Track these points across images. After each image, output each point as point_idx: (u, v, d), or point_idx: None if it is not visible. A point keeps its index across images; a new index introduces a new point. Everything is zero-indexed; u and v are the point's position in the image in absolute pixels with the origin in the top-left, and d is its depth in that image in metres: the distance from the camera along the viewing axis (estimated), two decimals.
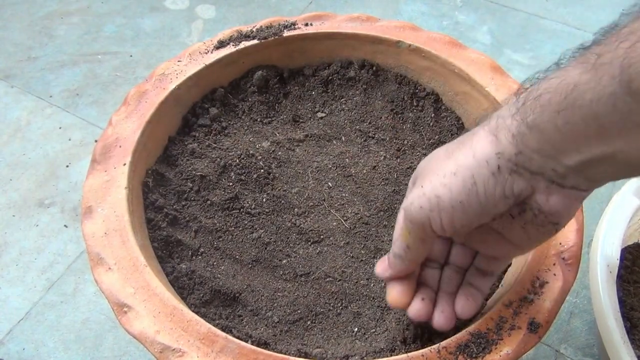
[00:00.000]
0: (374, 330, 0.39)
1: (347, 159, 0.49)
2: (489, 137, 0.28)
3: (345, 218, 0.45)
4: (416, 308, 0.34)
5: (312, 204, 0.46)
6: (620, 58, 0.22)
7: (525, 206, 0.28)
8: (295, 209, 0.46)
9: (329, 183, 0.47)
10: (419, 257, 0.33)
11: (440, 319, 0.34)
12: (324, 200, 0.46)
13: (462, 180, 0.28)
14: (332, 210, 0.46)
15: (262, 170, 0.47)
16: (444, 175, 0.28)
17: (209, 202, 0.45)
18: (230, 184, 0.46)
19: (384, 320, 0.40)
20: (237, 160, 0.47)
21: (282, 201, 0.46)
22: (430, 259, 0.35)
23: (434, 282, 0.35)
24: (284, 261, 0.43)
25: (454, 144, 0.30)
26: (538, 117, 0.25)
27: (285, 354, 0.35)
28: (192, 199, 0.45)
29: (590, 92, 0.23)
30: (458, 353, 0.33)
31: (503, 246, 0.32)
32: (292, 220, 0.45)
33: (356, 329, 0.39)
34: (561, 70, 0.25)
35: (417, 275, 0.35)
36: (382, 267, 0.35)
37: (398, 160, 0.49)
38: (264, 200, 0.46)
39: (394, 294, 0.34)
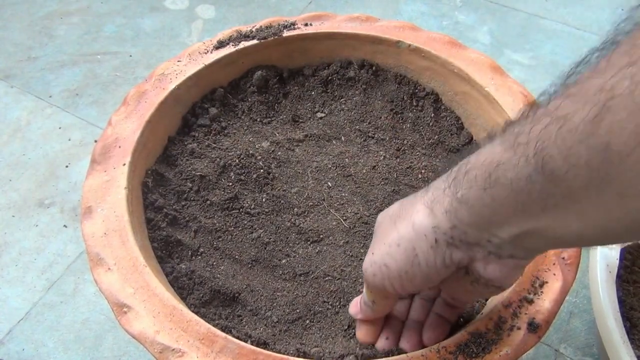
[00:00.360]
0: None
1: (346, 159, 0.49)
2: (425, 210, 0.29)
3: (344, 218, 0.45)
4: (381, 345, 0.36)
5: (311, 203, 0.46)
6: (534, 140, 0.23)
7: (467, 270, 0.30)
8: (295, 209, 0.46)
9: (329, 183, 0.47)
10: (385, 310, 0.35)
11: (406, 347, 0.36)
12: (324, 200, 0.46)
13: (405, 252, 0.29)
14: (331, 210, 0.46)
15: (261, 170, 0.47)
16: (389, 245, 0.30)
17: (208, 202, 0.45)
18: (230, 184, 0.46)
19: None
20: (237, 160, 0.47)
21: (282, 201, 0.46)
22: None
23: (403, 311, 0.38)
24: (284, 261, 0.43)
25: (401, 208, 0.31)
26: (467, 193, 0.26)
27: (284, 353, 0.35)
28: (192, 199, 0.45)
29: (511, 171, 0.24)
30: (458, 353, 0.33)
31: (461, 295, 0.34)
32: (292, 220, 0.45)
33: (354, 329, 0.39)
34: (489, 146, 0.26)
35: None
36: (355, 309, 0.37)
37: (398, 160, 0.49)
38: (264, 200, 0.46)
39: (362, 333, 0.37)
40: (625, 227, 0.23)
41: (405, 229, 0.30)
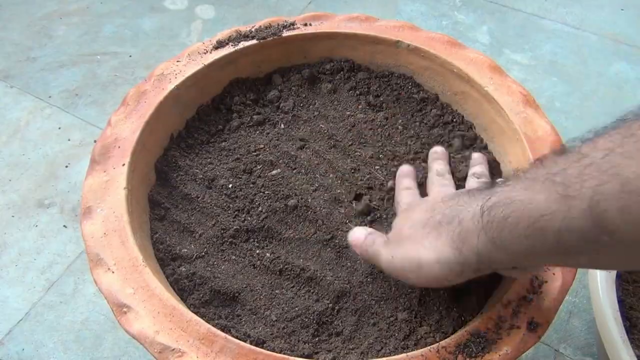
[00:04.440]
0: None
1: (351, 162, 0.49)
2: (452, 249, 0.31)
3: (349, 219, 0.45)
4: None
5: (321, 199, 0.46)
6: (589, 195, 0.24)
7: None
8: (300, 206, 0.45)
9: (334, 180, 0.47)
10: None
11: None
12: (332, 199, 0.46)
13: (428, 273, 0.33)
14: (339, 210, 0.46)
15: (264, 170, 0.47)
16: (410, 261, 0.34)
17: (213, 204, 0.45)
18: (229, 185, 0.46)
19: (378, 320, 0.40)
20: (242, 159, 0.47)
21: (286, 195, 0.46)
22: None
23: None
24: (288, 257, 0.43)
25: (425, 224, 0.34)
26: (506, 239, 0.28)
27: (284, 352, 0.35)
28: (196, 203, 0.45)
29: (559, 222, 0.25)
30: (457, 352, 0.33)
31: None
32: (299, 205, 0.45)
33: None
34: (526, 191, 0.27)
35: None
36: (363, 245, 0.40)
37: (395, 163, 0.49)
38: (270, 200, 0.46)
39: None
40: None
41: (428, 258, 0.32)
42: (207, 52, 0.51)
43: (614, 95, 0.89)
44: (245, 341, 0.34)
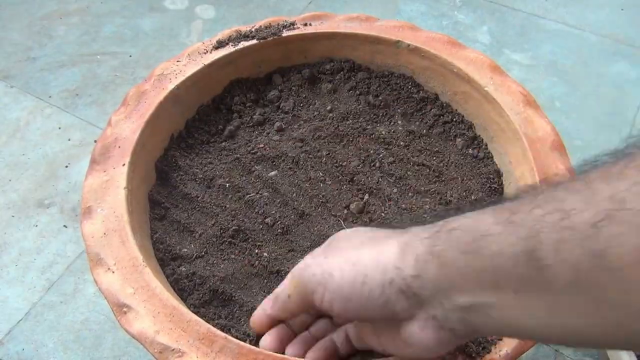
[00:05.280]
0: None
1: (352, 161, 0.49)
2: (396, 248, 0.28)
3: (344, 218, 0.45)
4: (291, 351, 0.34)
5: (316, 201, 0.46)
6: (530, 223, 0.23)
7: (400, 326, 0.28)
8: (296, 205, 0.46)
9: (337, 185, 0.47)
10: (297, 311, 0.33)
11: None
12: (327, 201, 0.46)
13: (355, 275, 0.28)
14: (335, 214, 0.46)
15: (263, 170, 0.47)
16: (345, 261, 0.29)
17: (214, 205, 0.45)
18: (228, 185, 0.46)
19: None
20: (240, 158, 0.47)
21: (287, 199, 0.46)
22: None
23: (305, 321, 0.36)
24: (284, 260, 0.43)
25: (372, 236, 0.31)
26: (444, 251, 0.26)
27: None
28: (197, 203, 0.45)
29: (496, 245, 0.24)
30: (457, 353, 0.33)
31: (373, 342, 0.32)
32: (295, 208, 0.45)
33: None
34: (479, 213, 0.26)
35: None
36: (266, 304, 0.35)
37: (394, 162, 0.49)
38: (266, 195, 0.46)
39: (264, 343, 0.35)
40: (596, 335, 0.23)
41: (369, 254, 0.29)
42: (207, 52, 0.51)
43: (613, 95, 0.89)
44: (245, 341, 0.34)
